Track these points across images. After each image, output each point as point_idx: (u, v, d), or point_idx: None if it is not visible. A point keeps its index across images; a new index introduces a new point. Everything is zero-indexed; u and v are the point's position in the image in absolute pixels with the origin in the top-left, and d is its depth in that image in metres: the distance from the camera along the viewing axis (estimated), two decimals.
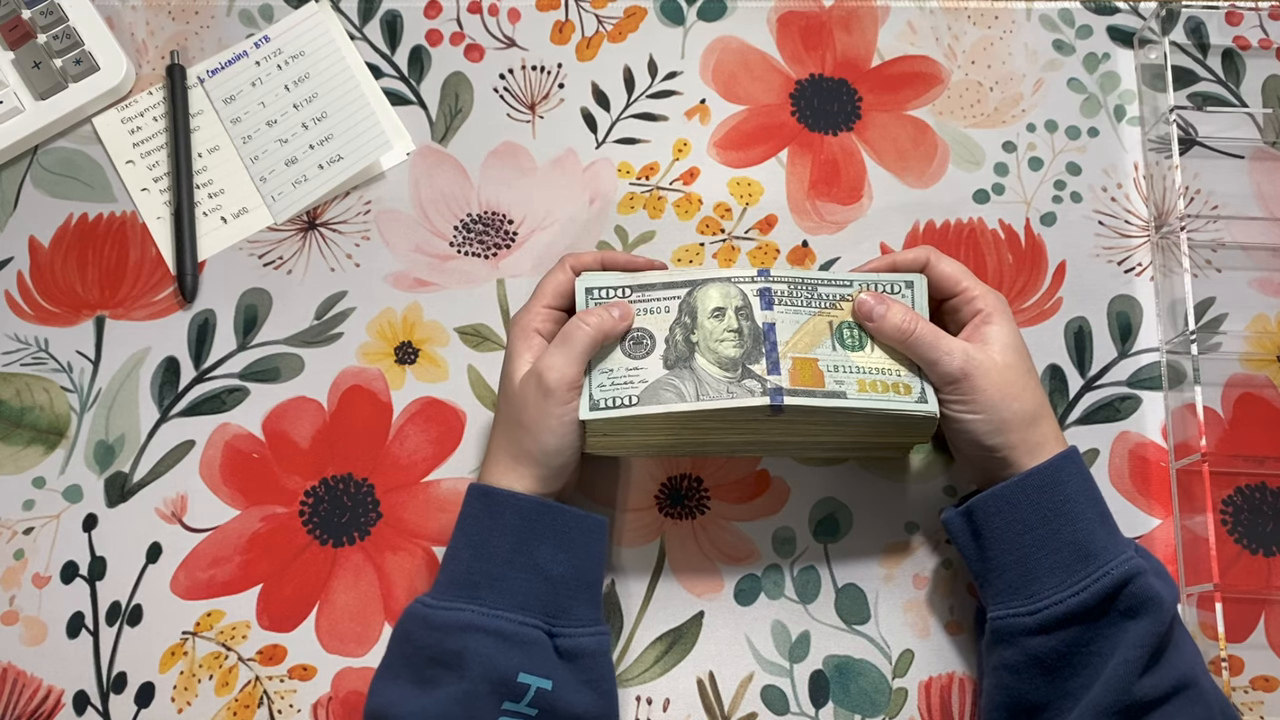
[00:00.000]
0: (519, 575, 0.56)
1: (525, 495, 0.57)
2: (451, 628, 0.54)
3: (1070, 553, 0.54)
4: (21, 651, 0.63)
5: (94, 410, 0.67)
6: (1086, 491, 0.56)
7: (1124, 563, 0.53)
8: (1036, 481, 0.56)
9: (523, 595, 0.55)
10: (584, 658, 0.56)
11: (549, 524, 0.57)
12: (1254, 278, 0.70)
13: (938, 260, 0.60)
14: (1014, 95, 0.74)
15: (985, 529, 0.57)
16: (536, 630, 0.55)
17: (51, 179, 0.72)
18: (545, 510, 0.57)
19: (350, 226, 0.71)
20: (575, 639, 0.56)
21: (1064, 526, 0.55)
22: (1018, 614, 0.55)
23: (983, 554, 0.57)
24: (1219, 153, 0.73)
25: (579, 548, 0.57)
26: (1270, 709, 0.63)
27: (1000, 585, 0.56)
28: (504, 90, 0.74)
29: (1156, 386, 0.68)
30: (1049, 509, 0.55)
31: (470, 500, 0.58)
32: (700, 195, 0.72)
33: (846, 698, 0.62)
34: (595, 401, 0.56)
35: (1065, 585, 0.54)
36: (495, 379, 0.68)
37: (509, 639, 0.54)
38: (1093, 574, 0.53)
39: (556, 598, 0.56)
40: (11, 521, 0.65)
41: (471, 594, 0.55)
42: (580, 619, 0.57)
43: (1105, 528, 0.55)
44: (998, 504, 0.56)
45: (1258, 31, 0.76)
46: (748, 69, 0.75)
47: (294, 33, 0.75)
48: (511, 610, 0.55)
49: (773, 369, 0.56)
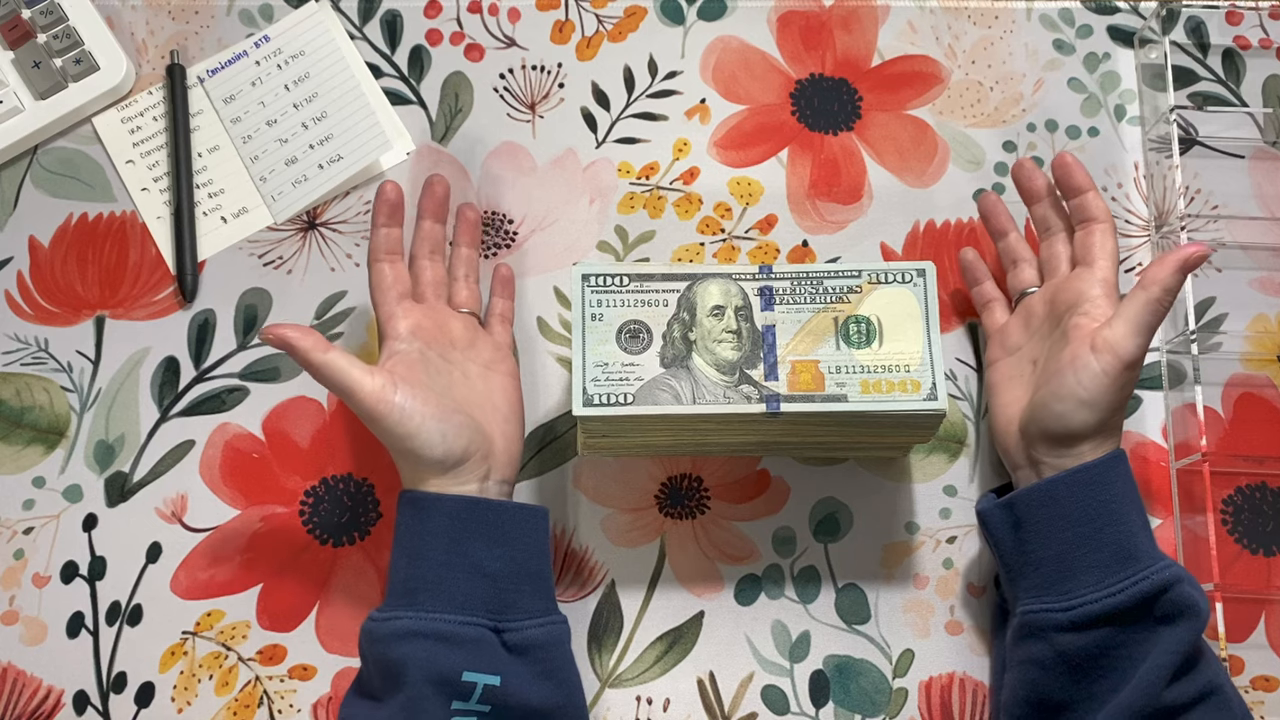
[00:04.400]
0: (456, 576, 0.55)
1: (451, 495, 0.56)
2: (391, 638, 0.54)
3: (1111, 552, 0.54)
4: (21, 651, 0.63)
5: (94, 410, 0.67)
6: (1131, 494, 0.56)
7: (1164, 569, 0.53)
8: (1085, 478, 0.55)
9: (462, 595, 0.55)
10: (535, 650, 0.55)
11: (480, 520, 0.56)
12: (1254, 278, 0.70)
13: (1110, 232, 0.60)
14: (1014, 95, 0.74)
15: (1027, 521, 0.56)
16: (479, 628, 0.54)
17: (51, 179, 0.72)
18: (474, 507, 0.56)
19: (350, 226, 0.71)
20: (523, 632, 0.56)
21: (1107, 526, 0.54)
22: (1051, 609, 0.54)
23: (1022, 547, 0.57)
24: (1219, 152, 0.73)
25: (516, 541, 0.57)
26: (1270, 709, 0.63)
27: (1036, 579, 0.56)
28: (504, 90, 0.74)
29: (1157, 386, 0.68)
30: (1094, 507, 0.55)
31: (401, 509, 0.57)
32: (700, 195, 0.72)
33: (847, 698, 0.62)
34: (589, 397, 0.56)
35: (1103, 584, 0.53)
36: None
37: (449, 639, 0.54)
38: (1131, 576, 0.53)
39: (499, 594, 0.56)
40: (11, 521, 0.65)
41: (410, 601, 0.55)
42: (528, 611, 0.56)
43: (1147, 533, 0.55)
44: (1043, 498, 0.56)
45: (1258, 31, 0.76)
46: (748, 69, 0.75)
47: (294, 32, 0.75)
48: (451, 611, 0.54)
49: (770, 374, 0.56)
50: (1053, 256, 0.63)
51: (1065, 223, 0.63)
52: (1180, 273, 0.55)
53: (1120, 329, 0.55)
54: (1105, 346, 0.55)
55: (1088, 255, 0.60)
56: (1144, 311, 0.55)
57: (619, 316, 0.57)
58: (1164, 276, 0.55)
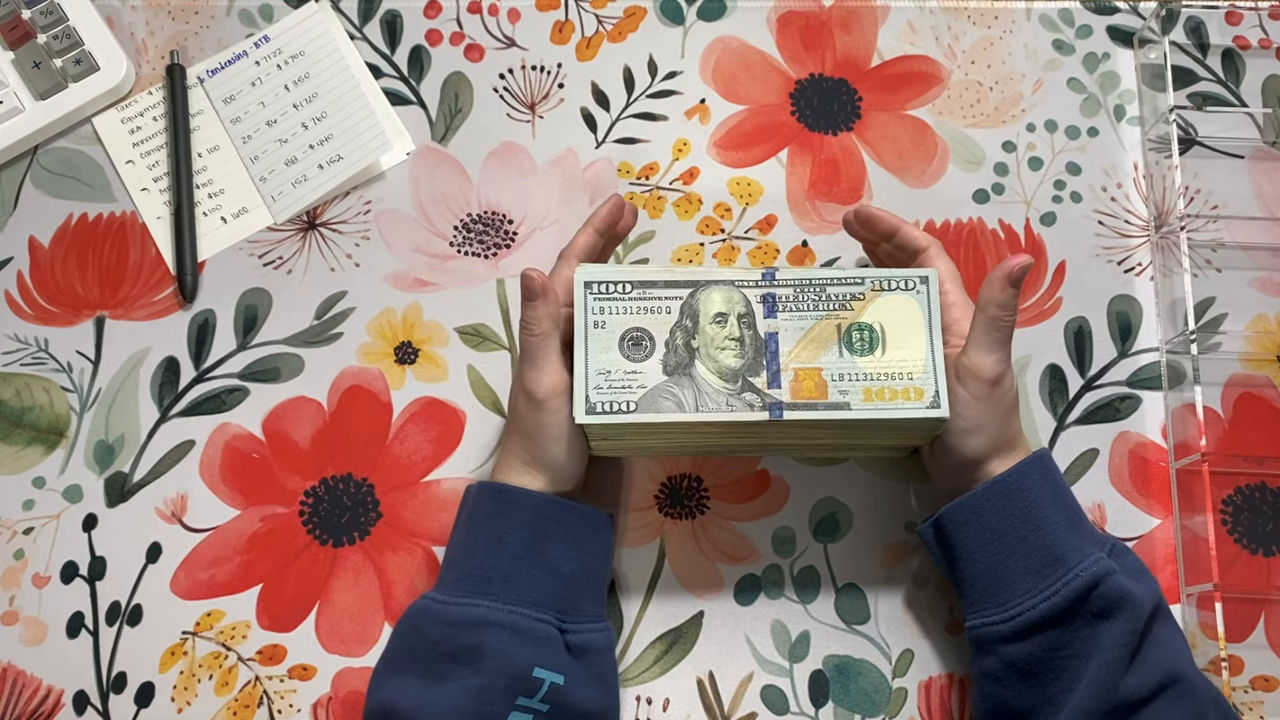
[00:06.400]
0: (532, 571, 0.56)
1: (539, 493, 0.57)
2: (466, 623, 0.54)
3: (1039, 558, 0.54)
4: (21, 651, 0.63)
5: (94, 410, 0.67)
6: (1053, 495, 0.56)
7: (1092, 564, 0.53)
8: (1000, 488, 0.56)
9: (535, 591, 0.56)
10: (592, 653, 0.56)
11: (560, 521, 0.57)
12: (1254, 278, 0.70)
13: (936, 255, 0.60)
14: (1014, 95, 0.74)
15: (954, 539, 0.57)
16: (549, 626, 0.55)
17: (51, 179, 0.72)
18: (557, 508, 0.57)
19: (350, 226, 0.71)
20: (584, 635, 0.56)
21: (1031, 533, 0.55)
22: (992, 622, 0.55)
23: (954, 565, 0.58)
24: (1219, 153, 0.73)
25: (588, 545, 0.58)
26: (1270, 709, 0.63)
27: (974, 594, 0.57)
28: (504, 90, 0.74)
29: (1156, 386, 0.68)
30: (1015, 515, 0.55)
31: (482, 498, 0.58)
32: (700, 195, 0.72)
33: (846, 698, 0.62)
34: (592, 405, 0.56)
35: (1036, 591, 0.54)
36: (495, 379, 0.68)
37: (524, 634, 0.54)
38: (1062, 578, 0.54)
39: (567, 594, 0.56)
40: (11, 521, 0.65)
41: (485, 589, 0.55)
42: (588, 615, 0.57)
43: (1074, 531, 0.55)
44: (964, 513, 0.57)
45: (1258, 31, 0.76)
46: (748, 69, 0.75)
47: (294, 33, 0.75)
48: (525, 606, 0.55)
49: (773, 382, 0.56)
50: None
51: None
52: (1009, 286, 0.55)
53: (973, 353, 0.56)
54: (965, 372, 0.56)
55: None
56: (988, 331, 0.55)
57: (621, 324, 0.57)
58: (995, 294, 0.55)
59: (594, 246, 0.61)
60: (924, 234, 0.61)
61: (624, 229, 0.63)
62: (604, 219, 0.61)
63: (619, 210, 0.61)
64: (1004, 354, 0.56)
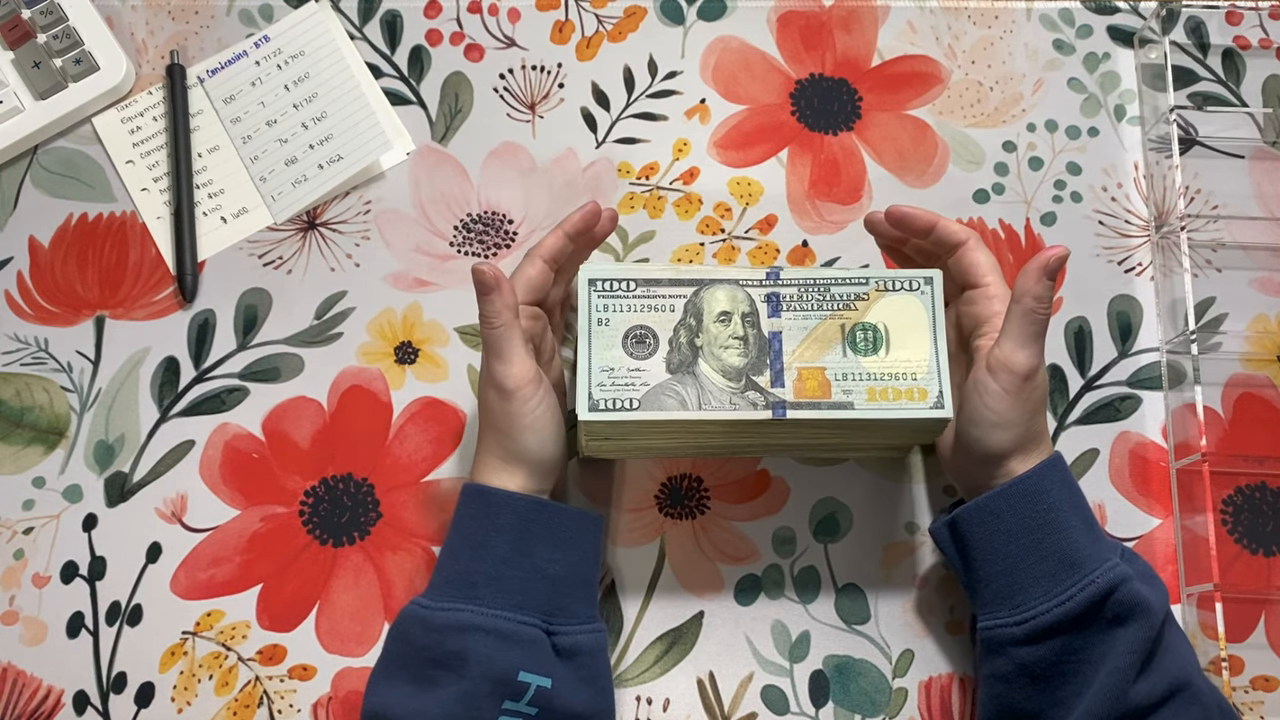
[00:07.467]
0: (517, 574, 0.56)
1: (522, 495, 0.57)
2: (451, 628, 0.54)
3: (1055, 562, 0.54)
4: (21, 651, 0.63)
5: (94, 410, 0.67)
6: (1071, 499, 0.56)
7: (1109, 570, 0.53)
8: (1020, 490, 0.55)
9: (521, 594, 0.55)
10: (581, 655, 0.56)
11: (546, 523, 0.57)
12: (1254, 278, 0.70)
13: (975, 248, 0.59)
14: (1014, 95, 0.74)
15: (970, 540, 0.57)
16: (535, 629, 0.55)
17: (51, 179, 0.72)
18: (542, 509, 0.57)
19: (350, 226, 0.71)
20: (573, 637, 0.56)
21: (1048, 536, 0.55)
22: (1005, 624, 0.55)
23: (969, 565, 0.57)
24: (1219, 153, 0.73)
25: (575, 546, 0.57)
26: (1270, 709, 0.63)
27: (987, 595, 0.56)
28: (504, 90, 0.74)
29: (1156, 386, 0.68)
30: (1033, 518, 0.55)
31: (466, 500, 0.58)
32: (700, 195, 0.72)
33: (846, 698, 0.62)
34: (595, 401, 0.56)
35: (1051, 595, 0.54)
36: None
37: (508, 638, 0.54)
38: (1078, 583, 0.53)
39: (555, 596, 0.56)
40: (11, 521, 0.65)
41: (470, 594, 0.55)
42: (577, 616, 0.57)
43: (1090, 535, 0.55)
44: (981, 515, 0.56)
45: (1258, 31, 0.76)
46: (748, 69, 0.75)
47: (294, 33, 0.75)
48: (510, 609, 0.55)
49: (777, 381, 0.56)
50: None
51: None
52: (1045, 278, 0.54)
53: (1006, 346, 0.55)
54: (998, 365, 0.55)
55: (972, 276, 0.60)
56: (1023, 324, 0.55)
57: (625, 321, 0.57)
58: (1030, 286, 0.55)
59: (562, 250, 0.60)
60: (963, 227, 0.60)
61: (601, 234, 0.63)
62: (575, 224, 0.60)
63: (593, 218, 0.61)
64: (1037, 348, 0.55)
